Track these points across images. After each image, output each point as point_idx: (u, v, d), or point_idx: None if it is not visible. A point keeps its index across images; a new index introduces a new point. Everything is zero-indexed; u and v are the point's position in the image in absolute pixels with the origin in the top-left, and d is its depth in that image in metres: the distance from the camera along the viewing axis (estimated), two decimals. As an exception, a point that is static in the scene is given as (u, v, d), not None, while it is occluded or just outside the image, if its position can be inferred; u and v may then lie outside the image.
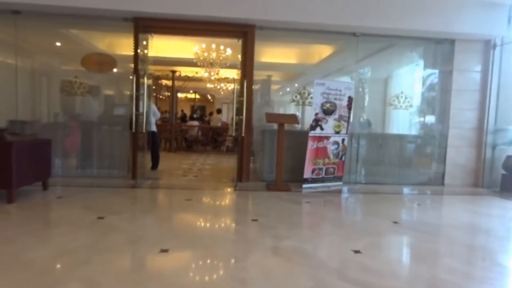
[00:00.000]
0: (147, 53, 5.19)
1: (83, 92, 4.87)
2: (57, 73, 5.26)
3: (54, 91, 5.03)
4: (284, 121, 4.72)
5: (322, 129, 4.90)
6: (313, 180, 4.96)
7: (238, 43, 4.99)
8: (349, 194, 4.76)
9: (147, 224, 2.98)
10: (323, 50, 7.37)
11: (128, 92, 5.45)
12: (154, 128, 5.75)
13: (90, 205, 3.45)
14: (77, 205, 3.40)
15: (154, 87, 10.31)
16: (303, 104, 5.32)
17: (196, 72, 9.28)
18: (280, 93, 10.22)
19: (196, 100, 17.27)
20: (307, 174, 4.88)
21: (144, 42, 5.18)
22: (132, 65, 4.82)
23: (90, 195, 3.89)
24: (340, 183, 5.22)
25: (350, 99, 5.10)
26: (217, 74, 9.33)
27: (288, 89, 12.45)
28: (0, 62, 5.36)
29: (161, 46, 7.10)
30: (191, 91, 15.38)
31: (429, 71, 5.90)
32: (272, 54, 7.57)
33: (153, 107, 5.79)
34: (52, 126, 5.15)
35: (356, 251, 2.48)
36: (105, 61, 4.89)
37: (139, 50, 4.88)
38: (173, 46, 7.64)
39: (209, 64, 7.02)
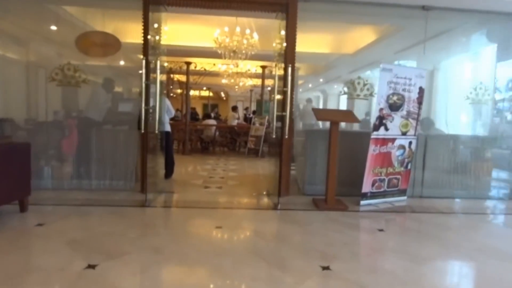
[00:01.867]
0: (159, 40, 4.13)
1: (79, 82, 3.83)
2: (49, 61, 4.21)
3: (43, 83, 4.00)
4: (339, 119, 3.59)
5: (387, 129, 3.75)
6: (373, 195, 3.82)
7: (269, 25, 3.87)
8: (423, 214, 3.60)
9: (165, 280, 1.89)
10: (367, 34, 6.21)
11: (138, 89, 4.43)
12: (168, 128, 4.69)
13: (80, 238, 2.38)
14: (61, 240, 2.34)
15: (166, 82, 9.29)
16: (359, 97, 4.17)
17: (214, 64, 8.21)
18: (300, 90, 9.12)
19: (209, 98, 16.22)
20: (366, 187, 3.74)
21: (156, 25, 4.13)
22: (141, 56, 3.74)
23: (83, 220, 2.84)
24: (404, 197, 4.07)
25: (421, 91, 3.93)
26: (237, 66, 8.25)
27: (310, 85, 11.32)
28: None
29: (174, 33, 6.06)
30: (204, 88, 14.34)
31: None
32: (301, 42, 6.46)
33: (167, 103, 4.73)
34: (41, 125, 4.14)
35: None
36: (106, 42, 3.85)
37: (149, 36, 3.81)
38: (188, 32, 6.58)
39: (232, 52, 5.92)
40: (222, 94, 17.93)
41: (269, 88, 11.15)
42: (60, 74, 3.85)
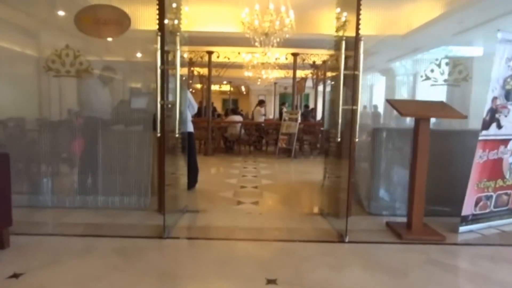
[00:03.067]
0: (178, 24, 3.21)
1: (80, 70, 2.98)
2: (44, 47, 3.39)
3: (41, 74, 3.17)
4: (434, 114, 2.53)
5: (499, 126, 2.65)
6: (475, 218, 2.75)
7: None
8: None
9: None
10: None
11: (154, 84, 3.54)
12: (190, 127, 3.78)
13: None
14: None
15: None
16: (447, 82, 3.07)
17: (239, 53, 7.26)
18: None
19: (230, 92, 15.30)
20: (468, 208, 2.68)
21: (174, 5, 3.21)
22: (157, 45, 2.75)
23: (78, 264, 1.97)
24: (513, 219, 2.97)
25: (544, 71, 2.78)
26: (265, 54, 7.26)
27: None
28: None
29: (193, 17, 5.13)
30: (225, 82, 13.42)
31: None
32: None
33: (189, 96, 3.82)
34: (39, 125, 3.34)
35: None
36: (112, 19, 2.96)
37: (166, 21, 2.89)
38: (209, 15, 5.66)
39: (263, 35, 4.94)
40: (243, 88, 16.98)
41: (297, 80, 10.06)
42: (57, 62, 3.02)
